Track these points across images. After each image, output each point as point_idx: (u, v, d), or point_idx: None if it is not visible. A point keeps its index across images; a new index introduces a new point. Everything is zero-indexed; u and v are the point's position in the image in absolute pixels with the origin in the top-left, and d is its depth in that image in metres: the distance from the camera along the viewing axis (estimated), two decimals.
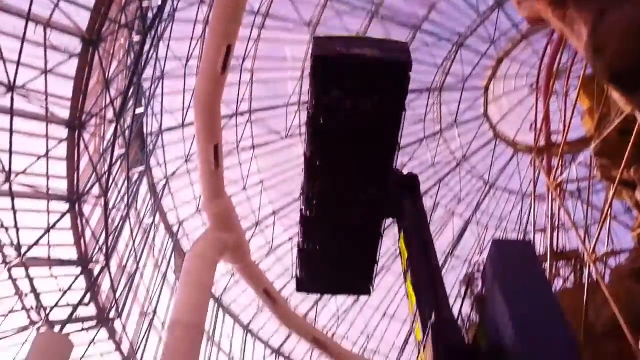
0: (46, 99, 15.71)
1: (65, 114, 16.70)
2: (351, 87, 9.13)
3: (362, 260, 10.46)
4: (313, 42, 8.16)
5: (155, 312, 23.51)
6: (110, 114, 18.74)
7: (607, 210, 14.00)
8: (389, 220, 13.24)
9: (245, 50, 25.92)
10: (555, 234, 18.92)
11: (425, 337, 7.66)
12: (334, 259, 10.75)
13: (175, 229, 27.00)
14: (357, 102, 9.21)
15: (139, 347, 21.79)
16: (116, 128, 18.45)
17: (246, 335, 30.75)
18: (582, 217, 22.38)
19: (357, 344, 34.12)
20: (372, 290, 13.71)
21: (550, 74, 21.07)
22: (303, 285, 10.35)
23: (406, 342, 33.75)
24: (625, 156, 10.78)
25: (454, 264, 34.07)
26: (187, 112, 24.64)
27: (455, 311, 10.48)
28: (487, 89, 31.47)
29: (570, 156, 21.66)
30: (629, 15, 6.54)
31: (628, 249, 17.10)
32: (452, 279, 32.78)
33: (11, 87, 14.65)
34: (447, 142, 33.71)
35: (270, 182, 30.54)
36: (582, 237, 14.97)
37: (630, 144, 10.38)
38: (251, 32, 25.63)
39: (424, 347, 7.48)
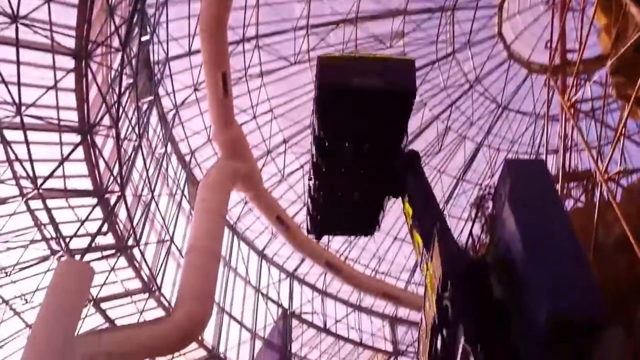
0: (50, 29, 15.39)
1: (70, 43, 16.41)
2: (355, 113, 9.05)
3: (370, 207, 10.52)
4: (318, 63, 7.83)
5: (172, 239, 24.09)
6: (116, 43, 18.40)
7: (621, 129, 13.82)
8: None
9: None
10: (567, 155, 18.81)
11: (432, 249, 7.77)
12: (344, 205, 10.82)
13: (187, 158, 27.17)
14: (360, 125, 9.15)
15: (158, 273, 22.51)
16: (122, 57, 18.18)
17: (261, 260, 31.61)
18: (595, 137, 22.21)
19: (369, 267, 35.00)
20: (376, 231, 13.97)
21: None
22: (315, 230, 10.49)
23: (417, 264, 34.52)
24: None
25: (465, 188, 34.23)
26: (193, 39, 24.15)
27: (463, 242, 10.65)
28: (501, 7, 30.42)
29: (585, 75, 21.15)
30: None
31: None
32: (463, 203, 33.11)
33: (15, 18, 14.35)
34: (459, 63, 32.98)
35: (280, 110, 30.32)
36: (595, 157, 14.87)
37: None
38: None
39: (431, 259, 7.61)
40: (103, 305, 21.34)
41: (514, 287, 6.80)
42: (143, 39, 21.39)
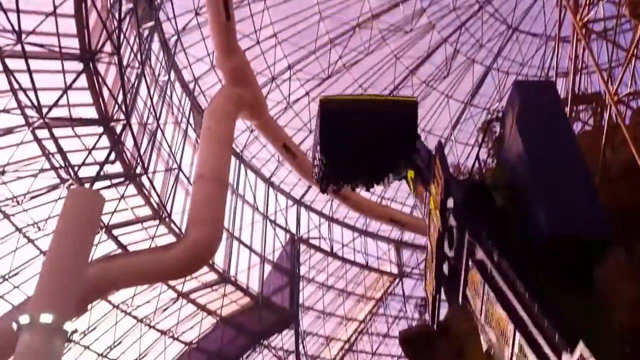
0: None
1: None
2: (359, 147, 8.91)
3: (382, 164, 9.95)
4: (319, 107, 7.39)
5: (179, 167, 24.26)
6: None
7: (633, 50, 13.47)
8: None
9: None
10: (577, 77, 18.45)
11: (434, 167, 7.75)
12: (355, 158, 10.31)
13: (191, 86, 26.86)
14: (367, 154, 8.89)
15: (167, 201, 22.83)
16: None
17: (268, 188, 31.93)
18: (606, 59, 21.68)
19: (375, 193, 35.26)
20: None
21: None
22: (324, 185, 10.02)
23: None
24: None
25: (472, 113, 33.92)
26: None
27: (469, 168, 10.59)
28: None
29: None
30: None
31: None
32: (470, 128, 32.91)
33: None
34: None
35: (285, 35, 29.60)
36: (605, 79, 14.59)
37: None
38: None
39: (433, 179, 7.59)
40: (115, 232, 21.80)
41: (518, 207, 6.84)
42: None
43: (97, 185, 17.57)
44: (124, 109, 17.84)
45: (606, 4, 20.37)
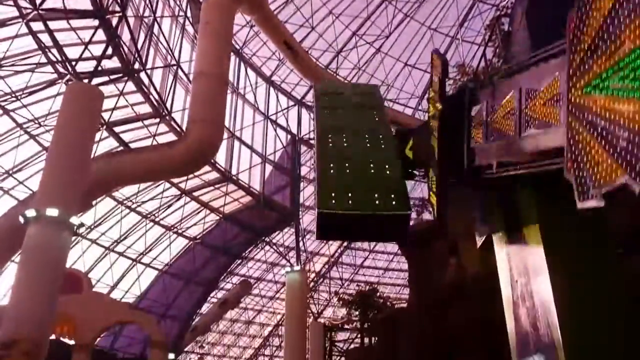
0: None
1: None
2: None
3: None
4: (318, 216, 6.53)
5: (178, 63, 23.76)
6: None
7: None
8: None
9: None
10: None
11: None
12: None
13: None
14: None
15: (167, 98, 22.59)
16: None
17: (269, 87, 31.45)
18: None
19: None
20: None
21: None
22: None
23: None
24: None
25: (481, 9, 32.62)
26: None
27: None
28: None
29: None
30: None
31: None
32: (478, 26, 31.85)
33: None
34: None
35: None
36: None
37: None
38: None
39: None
40: (116, 129, 21.78)
41: None
42: None
43: (96, 80, 17.27)
44: (119, 0, 17.17)
45: None
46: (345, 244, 38.60)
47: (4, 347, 11.24)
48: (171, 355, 24.93)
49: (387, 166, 7.09)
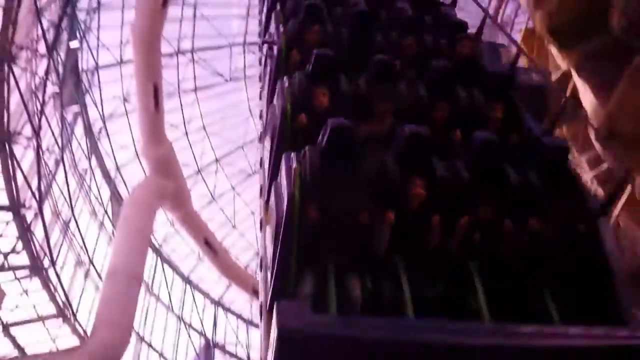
0: None
1: None
2: None
3: None
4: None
5: (91, 261, 23.01)
6: (42, 48, 17.65)
7: None
8: None
9: None
10: None
11: None
12: None
13: (112, 174, 26.19)
14: None
15: (75, 298, 21.38)
16: (48, 62, 17.46)
17: (186, 286, 30.57)
18: None
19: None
20: None
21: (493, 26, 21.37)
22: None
23: None
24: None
25: None
26: (125, 47, 23.56)
27: None
28: None
29: None
30: None
31: None
32: None
33: None
34: None
35: (214, 128, 29.92)
36: None
37: (563, 101, 10.72)
38: None
39: None
40: (12, 331, 19.95)
41: None
42: (72, 45, 20.67)
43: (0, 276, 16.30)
44: (37, 196, 17.02)
45: None
46: None
47: None
48: None
49: None
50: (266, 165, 5.50)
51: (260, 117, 6.99)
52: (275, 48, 6.50)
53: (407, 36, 6.47)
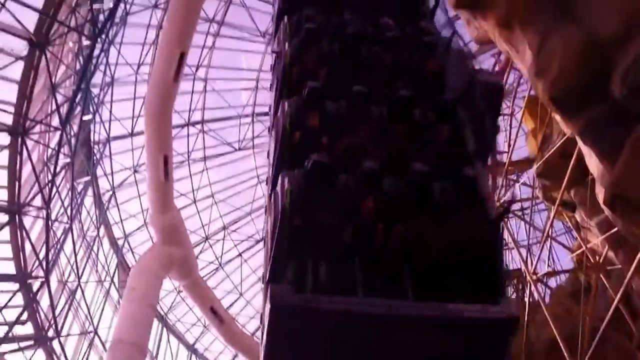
0: None
1: (8, 119, 16.05)
2: None
3: None
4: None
5: (96, 331, 22.65)
6: (55, 121, 18.13)
7: (548, 231, 14.42)
8: None
9: (199, 58, 25.68)
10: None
11: None
12: None
13: (120, 242, 26.21)
14: None
15: None
16: (61, 135, 17.85)
17: (191, 356, 29.92)
18: (524, 236, 23.02)
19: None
20: None
21: None
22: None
23: None
24: (566, 178, 11.15)
25: None
26: (137, 120, 24.11)
27: None
28: None
29: (515, 176, 22.28)
30: (569, 39, 6.80)
31: (568, 269, 17.66)
32: None
33: None
34: None
35: (222, 195, 30.14)
36: (524, 257, 15.35)
37: (570, 166, 10.74)
38: (205, 40, 25.43)
39: None
40: None
41: None
42: (85, 117, 21.20)
43: (4, 347, 16.04)
44: (44, 265, 16.99)
45: (522, 185, 22.17)
46: None
47: None
48: None
49: None
50: (271, 160, 7.08)
51: (270, 110, 8.40)
52: (281, 57, 7.90)
53: (386, 53, 7.80)
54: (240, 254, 30.96)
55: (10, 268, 17.14)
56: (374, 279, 5.54)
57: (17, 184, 16.67)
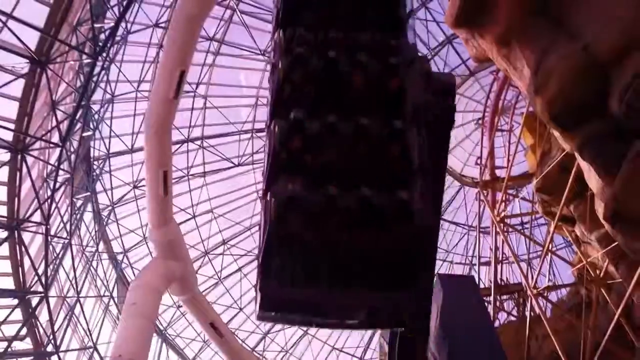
0: None
1: (8, 136, 16.11)
2: None
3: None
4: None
5: (95, 346, 22.55)
6: (55, 137, 18.20)
7: (548, 245, 14.46)
8: None
9: (199, 76, 25.84)
10: (499, 267, 19.36)
11: None
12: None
13: (119, 257, 26.17)
14: None
15: None
16: (61, 152, 17.91)
17: None
18: (525, 250, 23.05)
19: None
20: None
21: (495, 110, 21.85)
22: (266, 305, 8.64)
23: None
24: (565, 193, 11.20)
25: None
26: (136, 136, 24.19)
27: None
28: None
29: (515, 191, 22.36)
30: (567, 56, 6.89)
31: (568, 283, 17.67)
32: None
33: None
34: None
35: (221, 210, 30.16)
36: (525, 271, 15.37)
37: (570, 180, 10.80)
38: (205, 58, 25.61)
39: None
40: None
41: None
42: (85, 134, 21.27)
43: None
44: (43, 280, 16.97)
45: (521, 200, 22.26)
46: None
47: None
48: None
49: None
50: (265, 164, 8.11)
51: (266, 122, 9.25)
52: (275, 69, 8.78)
53: (357, 71, 8.58)
54: (239, 269, 30.90)
55: (9, 283, 17.11)
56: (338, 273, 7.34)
57: (16, 199, 16.69)
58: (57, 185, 18.33)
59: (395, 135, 8.03)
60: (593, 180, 7.25)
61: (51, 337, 18.10)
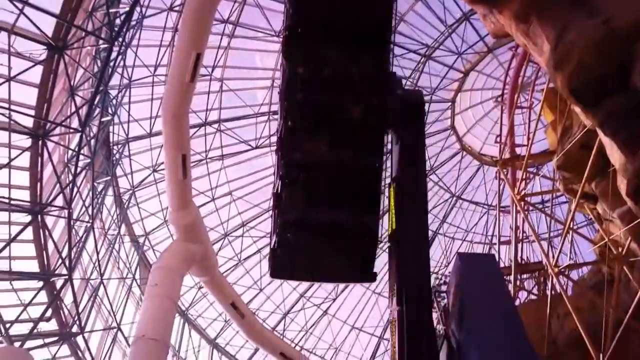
0: (9, 107, 15.30)
1: (28, 122, 16.32)
2: None
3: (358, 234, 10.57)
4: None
5: (119, 326, 23.00)
6: (75, 123, 18.39)
7: (569, 223, 14.29)
8: None
9: (215, 59, 25.80)
10: (519, 246, 19.22)
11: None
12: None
13: (141, 240, 26.53)
14: None
15: None
16: (81, 137, 18.11)
17: (212, 350, 30.29)
18: (545, 229, 22.81)
19: (325, 358, 34.04)
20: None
21: (514, 87, 21.51)
22: (277, 269, 11.29)
23: (374, 355, 33.81)
24: (587, 170, 11.03)
25: None
26: (154, 120, 24.32)
27: None
28: (453, 101, 31.97)
29: (535, 168, 22.06)
30: (587, 31, 6.73)
31: (590, 261, 17.49)
32: None
33: None
34: None
35: (240, 193, 30.32)
36: (545, 250, 15.23)
37: (591, 158, 10.63)
38: (221, 41, 25.54)
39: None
40: None
41: None
42: (104, 119, 21.45)
43: (29, 343, 16.35)
44: (67, 263, 17.29)
45: (542, 178, 21.97)
46: None
47: None
48: None
49: None
50: (276, 165, 11.22)
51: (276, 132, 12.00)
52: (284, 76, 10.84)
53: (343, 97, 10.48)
54: (259, 250, 31.12)
55: (34, 266, 17.47)
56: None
57: (38, 185, 16.95)
58: (78, 170, 18.57)
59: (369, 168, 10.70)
60: (615, 156, 7.13)
61: (76, 318, 18.48)
